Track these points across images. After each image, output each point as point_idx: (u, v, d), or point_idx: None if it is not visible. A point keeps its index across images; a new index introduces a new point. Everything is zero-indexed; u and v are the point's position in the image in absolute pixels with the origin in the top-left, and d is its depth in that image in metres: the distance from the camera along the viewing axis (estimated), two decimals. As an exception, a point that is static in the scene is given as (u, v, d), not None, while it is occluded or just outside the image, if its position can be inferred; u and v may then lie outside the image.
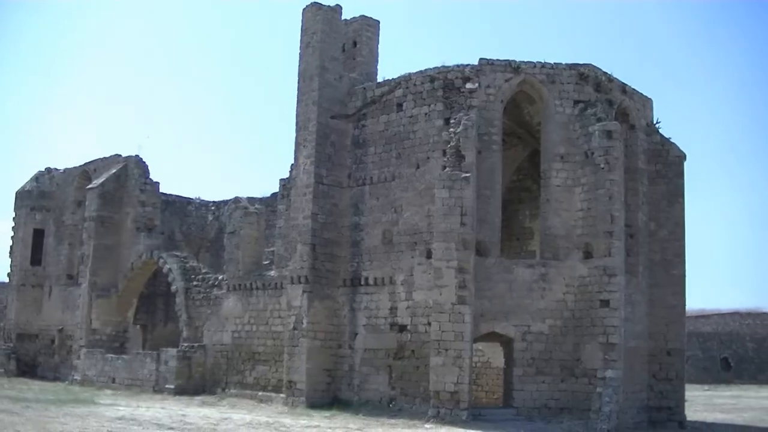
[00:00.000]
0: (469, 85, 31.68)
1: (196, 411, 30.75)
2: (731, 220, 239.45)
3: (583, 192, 30.74)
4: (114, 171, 47.19)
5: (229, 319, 38.72)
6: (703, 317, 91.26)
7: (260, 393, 35.96)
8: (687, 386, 37.96)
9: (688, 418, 34.47)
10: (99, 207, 46.16)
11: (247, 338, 37.65)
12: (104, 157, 48.95)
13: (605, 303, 29.49)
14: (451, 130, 30.67)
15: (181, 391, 37.97)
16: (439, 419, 28.19)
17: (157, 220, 46.34)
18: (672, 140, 35.16)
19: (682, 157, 34.89)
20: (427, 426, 27.27)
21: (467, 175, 29.46)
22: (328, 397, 33.65)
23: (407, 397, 31.49)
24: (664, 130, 35.47)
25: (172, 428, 23.68)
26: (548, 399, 30.02)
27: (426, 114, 32.74)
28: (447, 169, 29.92)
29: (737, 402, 53.39)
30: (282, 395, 34.33)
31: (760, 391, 71.82)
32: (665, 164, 34.66)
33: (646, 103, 35.53)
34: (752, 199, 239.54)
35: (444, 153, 30.89)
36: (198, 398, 36.15)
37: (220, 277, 39.93)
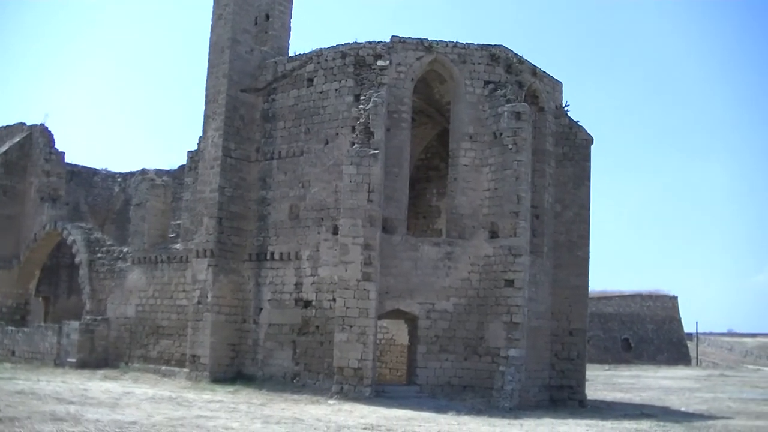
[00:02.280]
0: (380, 63, 31.63)
1: (97, 385, 30.32)
2: (635, 203, 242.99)
3: (491, 172, 30.92)
4: (18, 139, 46.19)
5: (133, 292, 38.30)
6: (606, 299, 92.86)
7: (164, 367, 35.65)
8: (588, 366, 38.55)
9: (589, 397, 35.00)
10: (1, 176, 45.13)
11: (152, 312, 37.31)
12: (8, 125, 47.89)
13: (510, 282, 29.77)
14: (361, 106, 30.57)
15: (83, 364, 37.45)
16: (343, 395, 28.17)
17: (62, 190, 45.51)
18: (580, 123, 35.54)
19: (590, 140, 35.28)
20: (330, 402, 27.23)
21: (375, 152, 29.43)
22: (232, 372, 33.46)
23: (311, 372, 31.43)
24: (573, 114, 35.89)
25: (72, 402, 23.28)
26: (451, 377, 30.20)
27: (336, 90, 32.60)
28: (355, 145, 29.84)
29: (636, 382, 54.41)
30: (185, 370, 34.07)
31: (659, 372, 73.34)
32: (572, 147, 35.03)
33: (556, 86, 35.82)
34: (656, 182, 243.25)
35: (353, 129, 30.86)
36: (100, 372, 35.68)
37: (125, 250, 39.44)
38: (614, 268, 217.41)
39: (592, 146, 35.36)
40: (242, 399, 27.30)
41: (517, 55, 33.16)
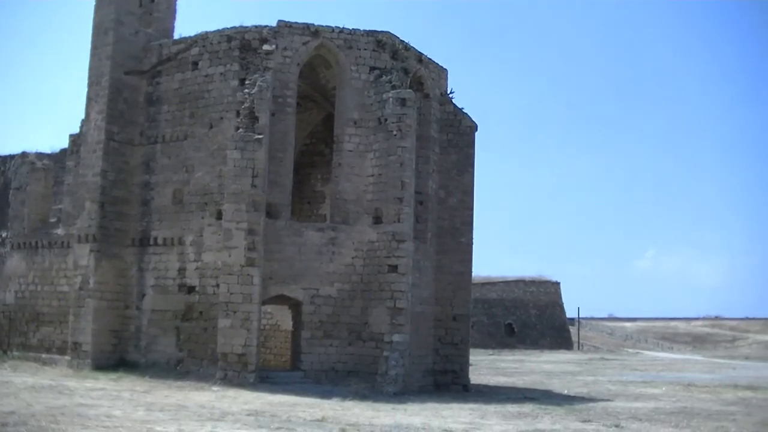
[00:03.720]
0: (266, 47, 31.42)
1: (-26, 374, 29.61)
2: (519, 190, 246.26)
3: (375, 158, 31.03)
4: None
5: (12, 278, 37.46)
6: (490, 284, 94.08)
7: (44, 355, 34.90)
8: (472, 351, 39.03)
9: (473, 382, 35.45)
10: None
11: (32, 298, 36.51)
12: None
13: (393, 268, 29.95)
14: (246, 91, 30.29)
15: (-41, 353, 36.45)
16: (227, 381, 27.97)
17: (-63, 172, 44.23)
18: (464, 111, 35.85)
19: (474, 127, 35.65)
20: (214, 388, 27.03)
21: (260, 136, 29.27)
22: (115, 359, 32.92)
23: (195, 359, 31.12)
24: (458, 101, 36.18)
25: (-54, 393, 22.74)
26: (336, 362, 30.27)
27: (221, 74, 32.27)
28: (240, 130, 29.62)
29: (519, 366, 55.31)
30: (67, 357, 33.40)
31: (541, 356, 74.67)
32: (457, 134, 35.33)
33: (441, 73, 36.06)
34: (539, 170, 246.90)
35: (238, 114, 30.52)
36: (-23, 361, 34.82)
37: (4, 235, 38.55)
38: (498, 254, 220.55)
39: (476, 133, 35.75)
40: (125, 386, 26.91)
41: (403, 41, 33.31)
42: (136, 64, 34.59)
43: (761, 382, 41.33)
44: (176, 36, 35.30)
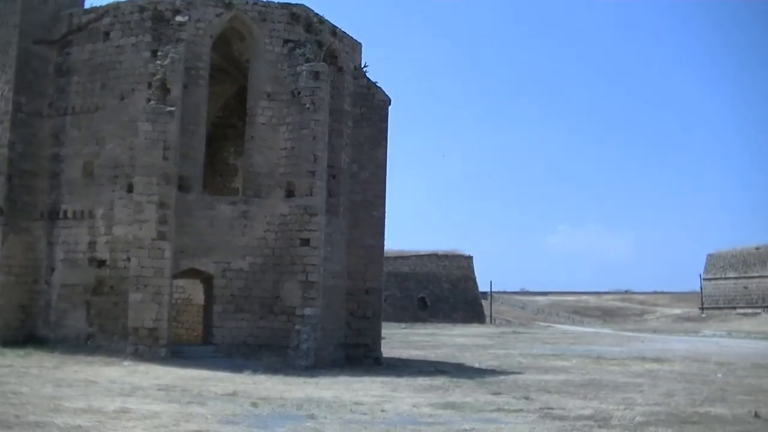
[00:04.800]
0: (178, 18, 30.98)
1: None
2: (432, 164, 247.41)
3: (288, 131, 30.92)
4: None
5: None
6: (402, 258, 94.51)
7: (-51, 332, 34.20)
8: (385, 324, 39.23)
9: (385, 355, 35.62)
10: None
11: (-63, 272, 35.67)
12: None
13: (305, 242, 29.94)
14: (158, 62, 29.89)
15: None
16: (138, 356, 27.69)
17: None
18: (378, 85, 35.88)
19: (387, 101, 35.69)
20: (125, 363, 26.74)
21: (172, 109, 28.97)
22: (23, 335, 32.25)
23: (106, 333, 30.69)
24: (371, 75, 36.19)
25: None
26: (248, 336, 30.21)
27: (133, 45, 31.71)
28: (152, 102, 29.28)
29: (432, 339, 55.73)
30: (-28, 334, 32.79)
31: (454, 330, 75.30)
32: (370, 108, 35.34)
33: (355, 47, 36.01)
34: (453, 144, 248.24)
35: (149, 86, 30.12)
36: None
37: None
38: (412, 228, 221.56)
39: (389, 107, 35.80)
40: (33, 362, 26.44)
41: (318, 15, 33.19)
42: (46, 33, 33.79)
43: (668, 355, 42.17)
44: (87, 5, 34.59)
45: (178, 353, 28.85)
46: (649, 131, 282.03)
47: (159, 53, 30.28)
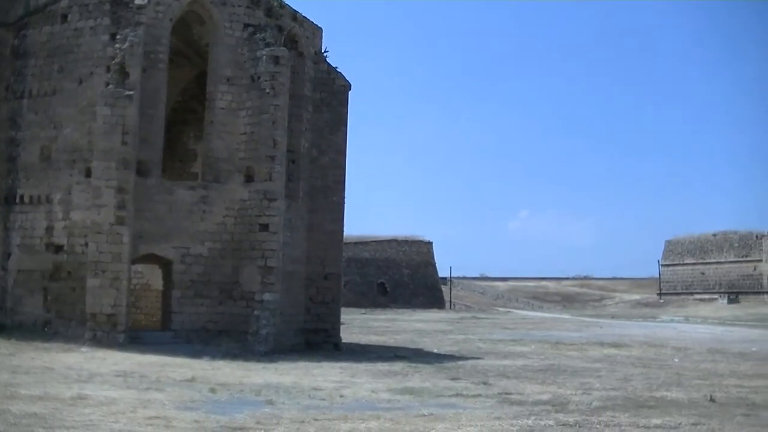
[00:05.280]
0: (137, 1, 30.59)
1: None
2: (393, 150, 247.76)
3: (248, 116, 30.79)
4: None
5: None
6: (363, 244, 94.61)
7: None
8: (345, 310, 39.24)
9: (345, 341, 35.61)
10: None
11: None
12: None
13: (264, 227, 29.86)
14: (117, 46, 29.59)
15: None
16: (96, 342, 27.49)
17: None
18: (338, 70, 35.78)
19: (347, 86, 35.62)
20: (83, 349, 26.57)
21: (131, 93, 28.74)
22: (-22, 322, 32.10)
23: (63, 319, 30.43)
24: (332, 60, 36.07)
25: None
26: (207, 321, 30.08)
27: (92, 28, 31.35)
28: (110, 86, 29.01)
29: (391, 325, 55.83)
30: (-74, 320, 32.43)
31: (413, 315, 75.45)
32: (330, 93, 35.25)
33: (316, 31, 35.87)
34: (414, 130, 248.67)
35: (108, 69, 29.82)
36: None
37: None
38: (372, 214, 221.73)
39: (349, 92, 35.75)
40: (-11, 350, 26.27)
41: (278, -1, 33.04)
42: (2, 15, 33.39)
43: (626, 340, 42.52)
44: (45, -13, 34.27)
45: (136, 339, 28.67)
46: (609, 118, 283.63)
47: (118, 36, 29.97)
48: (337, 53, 53.36)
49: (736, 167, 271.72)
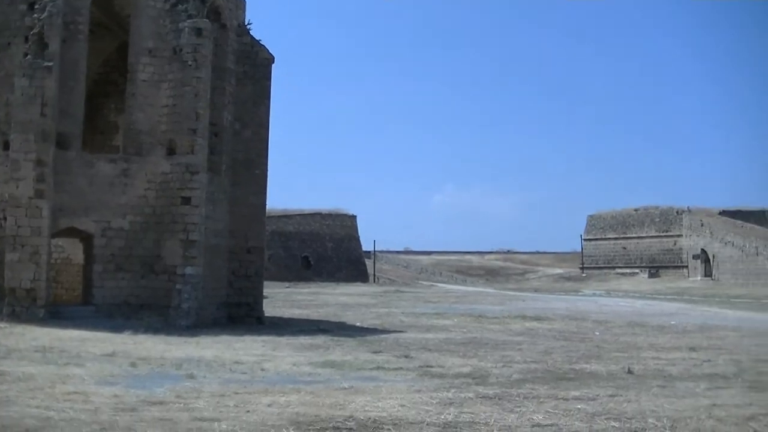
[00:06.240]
0: (56, -30, 30.27)
1: None
2: (317, 122, 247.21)
3: (170, 88, 30.50)
4: None
5: None
6: (286, 217, 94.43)
7: None
8: (269, 284, 39.15)
9: (268, 314, 35.59)
10: None
11: None
12: None
13: (186, 200, 29.68)
14: (35, 16, 29.12)
15: None
16: (15, 317, 27.09)
17: None
18: (262, 42, 35.57)
19: (270, 59, 35.42)
20: (1, 325, 26.17)
21: (50, 64, 28.28)
22: None
23: (-19, 294, 30.09)
24: (255, 33, 35.83)
25: None
26: (129, 295, 29.86)
27: (9, -3, 30.89)
28: (28, 56, 28.52)
29: (315, 298, 55.80)
30: None
31: (337, 289, 75.54)
32: (253, 66, 35.02)
33: (239, 3, 35.59)
34: (337, 103, 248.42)
35: (26, 40, 29.33)
36: None
37: None
38: (296, 187, 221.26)
39: (273, 65, 35.55)
40: None
41: (201, -30, 32.65)
42: None
43: (548, 314, 42.96)
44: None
45: (57, 314, 28.35)
46: (535, 93, 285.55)
47: (36, 6, 29.48)
48: (260, 26, 52.99)
49: (658, 143, 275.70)
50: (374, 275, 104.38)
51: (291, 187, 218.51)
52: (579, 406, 13.59)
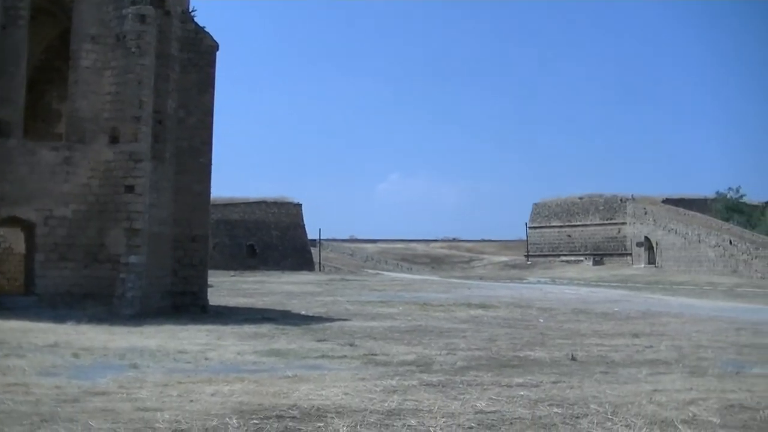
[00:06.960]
0: (-5, -46, 29.87)
1: None
2: (263, 110, 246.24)
3: (113, 75, 30.23)
4: None
5: None
6: (232, 205, 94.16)
7: None
8: (214, 272, 38.96)
9: (213, 303, 35.36)
10: None
11: None
12: None
13: (130, 188, 29.47)
14: (-26, 1, 28.82)
15: None
16: (-45, 308, 26.89)
17: None
18: (206, 30, 35.28)
19: (215, 46, 35.13)
20: (-60, 316, 25.90)
21: (-11, 50, 27.97)
22: None
23: None
24: (199, 19, 35.54)
25: None
26: (72, 285, 29.57)
27: (-54, -19, 30.42)
28: (-33, 42, 28.22)
29: (260, 287, 55.71)
30: None
31: (282, 277, 75.39)
32: (198, 53, 34.71)
33: (183, -10, 35.30)
34: (282, 90, 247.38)
35: (-35, 26, 29.03)
36: None
37: None
38: (241, 175, 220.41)
39: (217, 53, 35.31)
40: None
41: (140, -43, 32.34)
42: None
43: (493, 301, 43.14)
44: None
45: (-2, 304, 28.07)
46: (479, 80, 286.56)
47: (-25, -8, 29.11)
48: (205, 13, 52.75)
49: (602, 131, 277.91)
50: (320, 263, 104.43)
51: (236, 175, 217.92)
52: (522, 393, 13.65)
